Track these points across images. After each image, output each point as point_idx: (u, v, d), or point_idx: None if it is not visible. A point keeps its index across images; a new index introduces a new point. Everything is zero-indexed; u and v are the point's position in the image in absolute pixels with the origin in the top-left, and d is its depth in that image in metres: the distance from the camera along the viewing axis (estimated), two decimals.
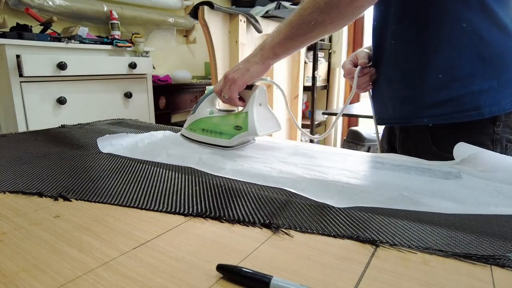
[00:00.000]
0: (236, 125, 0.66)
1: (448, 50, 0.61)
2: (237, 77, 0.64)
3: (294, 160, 0.60)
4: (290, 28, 0.61)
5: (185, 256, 0.31)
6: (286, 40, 0.61)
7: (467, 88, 0.61)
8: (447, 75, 0.62)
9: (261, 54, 0.64)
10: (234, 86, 0.64)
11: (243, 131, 0.65)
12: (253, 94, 0.66)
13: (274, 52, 0.63)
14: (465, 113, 0.61)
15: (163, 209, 0.40)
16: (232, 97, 0.65)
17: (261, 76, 0.66)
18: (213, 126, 0.69)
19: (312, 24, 0.58)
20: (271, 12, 2.01)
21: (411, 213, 0.40)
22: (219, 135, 0.68)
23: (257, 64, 0.64)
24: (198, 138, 0.71)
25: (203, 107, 0.72)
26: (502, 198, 0.43)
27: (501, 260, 0.30)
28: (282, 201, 0.42)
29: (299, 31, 0.60)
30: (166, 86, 2.21)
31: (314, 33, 0.59)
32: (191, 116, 0.73)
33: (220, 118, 0.70)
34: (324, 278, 0.28)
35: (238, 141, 0.67)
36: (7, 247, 0.32)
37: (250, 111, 0.65)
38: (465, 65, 0.61)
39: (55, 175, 0.51)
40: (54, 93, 1.56)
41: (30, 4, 1.67)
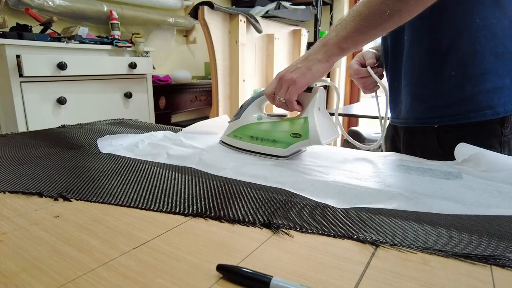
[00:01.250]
0: (294, 132, 0.59)
1: (461, 46, 0.59)
2: (296, 77, 0.56)
3: (294, 160, 0.60)
4: (359, 20, 0.55)
5: (185, 256, 0.31)
6: (355, 33, 0.55)
7: (480, 86, 0.59)
8: (460, 73, 0.60)
9: (325, 50, 0.57)
10: (294, 87, 0.57)
11: (303, 139, 0.58)
12: (314, 97, 0.58)
13: (340, 48, 0.57)
14: (480, 112, 0.59)
15: (163, 209, 0.40)
16: (290, 100, 0.58)
17: (324, 76, 0.59)
18: (265, 133, 0.62)
19: (388, 14, 0.52)
20: (271, 12, 2.01)
21: (411, 213, 0.40)
22: (273, 144, 0.61)
23: (320, 62, 0.57)
24: (246, 146, 0.64)
25: (249, 112, 0.65)
26: (503, 198, 0.43)
27: (501, 260, 0.30)
28: (282, 201, 0.42)
29: (370, 23, 0.54)
30: (166, 86, 2.21)
31: (389, 23, 0.54)
32: (234, 122, 0.67)
33: (272, 124, 0.63)
34: (324, 278, 0.28)
35: (295, 150, 0.60)
36: (7, 247, 0.32)
37: (310, 116, 0.58)
38: (479, 62, 0.59)
39: (55, 175, 0.51)
40: (54, 93, 1.56)
41: (30, 4, 1.67)
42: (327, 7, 3.06)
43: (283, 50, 2.30)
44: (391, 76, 0.73)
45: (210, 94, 2.43)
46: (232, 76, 1.81)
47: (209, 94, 2.47)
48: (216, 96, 1.76)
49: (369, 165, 0.58)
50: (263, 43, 2.08)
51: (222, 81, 1.75)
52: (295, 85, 0.57)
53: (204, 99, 2.49)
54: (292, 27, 2.35)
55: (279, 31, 2.18)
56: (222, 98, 1.78)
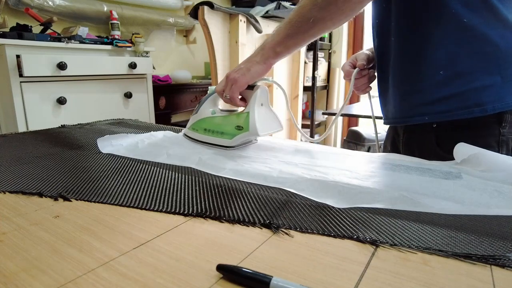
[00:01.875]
0: (238, 125, 0.66)
1: (449, 45, 0.60)
2: (238, 76, 0.64)
3: (294, 160, 0.60)
4: (290, 26, 0.61)
5: (185, 256, 0.31)
6: (287, 38, 0.62)
7: (469, 84, 0.60)
8: (448, 71, 0.61)
9: (262, 53, 0.64)
10: (235, 86, 0.64)
11: (244, 131, 0.65)
12: (255, 94, 0.66)
13: (274, 51, 0.63)
14: (468, 109, 0.60)
15: (163, 209, 0.40)
16: (233, 97, 0.65)
17: (262, 76, 0.66)
18: (215, 126, 0.69)
19: (312, 21, 0.58)
20: (271, 12, 2.01)
21: (411, 213, 0.40)
22: (221, 135, 0.68)
23: (258, 64, 0.64)
24: (200, 138, 0.71)
25: (205, 107, 0.72)
26: (502, 198, 0.43)
27: (501, 260, 0.30)
28: (282, 201, 0.42)
29: (299, 29, 0.60)
30: (166, 86, 2.21)
31: (314, 30, 0.59)
32: (193, 116, 0.73)
33: (222, 118, 0.70)
34: (324, 278, 0.28)
35: (239, 141, 0.67)
36: (7, 247, 0.32)
37: (251, 111, 0.65)
38: (467, 60, 0.60)
39: (55, 175, 0.51)
40: (54, 93, 1.56)
41: (30, 4, 1.67)
42: None
43: None
44: (380, 77, 0.75)
45: None
46: None
47: None
48: None
49: (369, 165, 0.58)
50: None
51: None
52: (236, 83, 0.64)
53: None
54: None
55: None
56: None
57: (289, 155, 0.63)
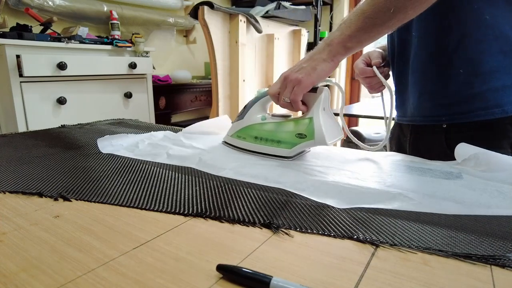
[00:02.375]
0: (299, 132, 0.59)
1: (470, 44, 0.59)
2: (302, 77, 0.56)
3: (294, 160, 0.60)
4: (363, 19, 0.54)
5: (185, 256, 0.31)
6: (360, 32, 0.55)
7: (489, 84, 0.58)
8: (468, 70, 0.59)
9: (329, 50, 0.57)
10: (299, 87, 0.57)
11: (308, 139, 0.58)
12: (319, 98, 0.59)
13: (344, 47, 0.56)
14: (488, 110, 0.59)
15: (163, 209, 0.40)
16: (295, 100, 0.58)
17: (329, 75, 0.59)
18: (269, 133, 0.62)
19: (392, 12, 0.52)
20: (271, 12, 2.01)
21: (411, 213, 0.40)
22: (277, 144, 0.60)
23: (325, 62, 0.57)
24: (250, 147, 0.64)
25: (253, 112, 0.65)
26: (503, 198, 0.43)
27: (501, 260, 0.30)
28: (282, 201, 0.42)
29: (375, 21, 0.54)
30: (166, 86, 2.21)
31: (393, 21, 0.54)
32: (238, 122, 0.66)
33: (277, 124, 0.62)
34: (324, 278, 0.28)
35: (299, 150, 0.60)
36: (7, 247, 0.32)
37: (315, 116, 0.58)
38: (487, 59, 0.58)
39: (55, 175, 0.51)
40: (54, 93, 1.56)
41: (30, 4, 1.67)
42: (327, 7, 3.06)
43: (283, 50, 2.30)
44: (398, 74, 0.72)
45: (210, 94, 2.43)
46: (232, 76, 1.81)
47: (209, 94, 2.47)
48: (216, 96, 1.76)
49: (369, 165, 0.58)
50: (263, 43, 2.08)
51: (222, 81, 1.75)
52: (300, 85, 0.56)
53: (204, 99, 2.49)
54: (292, 27, 2.35)
55: (279, 31, 2.18)
56: (222, 98, 1.78)
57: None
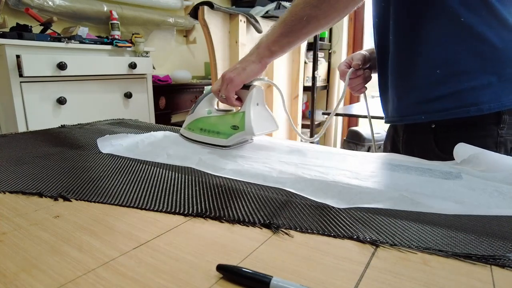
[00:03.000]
0: (233, 124, 0.66)
1: (446, 44, 0.60)
2: (233, 76, 0.64)
3: (294, 160, 0.60)
4: (284, 25, 0.61)
5: (185, 256, 0.31)
6: (281, 37, 0.62)
7: (466, 83, 0.60)
8: (445, 70, 0.61)
9: (257, 53, 0.64)
10: (231, 85, 0.64)
11: (240, 130, 0.65)
12: (250, 94, 0.66)
13: (269, 50, 0.63)
14: (464, 108, 0.60)
15: (163, 209, 0.40)
16: (229, 96, 0.66)
17: (258, 75, 0.66)
18: (211, 125, 0.70)
19: (305, 20, 0.58)
20: (271, 12, 2.01)
21: (411, 213, 0.40)
22: (217, 135, 0.68)
23: (254, 63, 0.64)
24: (196, 137, 0.71)
25: (201, 106, 0.73)
26: (502, 198, 0.43)
27: (501, 260, 0.30)
28: (282, 201, 0.42)
29: (292, 28, 0.60)
30: (166, 86, 2.21)
31: (308, 28, 0.59)
32: (190, 116, 0.74)
33: (218, 117, 0.70)
34: (324, 278, 0.28)
35: (235, 141, 0.67)
36: (7, 247, 0.32)
37: (247, 110, 0.65)
38: (464, 60, 0.60)
39: (55, 175, 0.51)
40: (54, 93, 1.56)
41: (30, 4, 1.67)
42: None
43: None
44: (380, 75, 0.75)
45: None
46: None
47: None
48: None
49: (369, 165, 0.58)
50: None
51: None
52: (232, 83, 0.64)
53: None
54: None
55: None
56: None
57: (289, 155, 0.63)
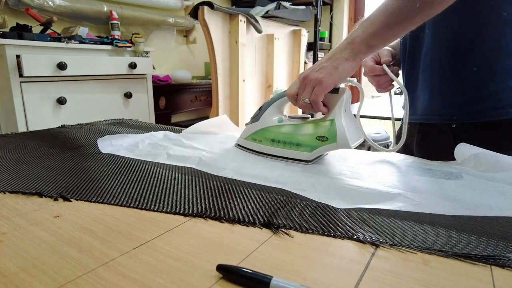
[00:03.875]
0: (320, 135, 0.56)
1: (486, 41, 0.58)
2: (322, 77, 0.54)
3: (294, 160, 0.60)
4: (387, 15, 0.52)
5: (185, 256, 0.31)
6: (384, 28, 0.53)
7: (504, 83, 0.58)
8: (483, 69, 0.59)
9: (351, 48, 0.55)
10: (320, 88, 0.54)
11: (330, 142, 0.55)
12: (341, 98, 0.56)
13: (367, 45, 0.54)
14: (502, 110, 0.58)
15: (163, 209, 0.40)
16: (316, 101, 0.55)
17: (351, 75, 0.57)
18: (287, 136, 0.59)
19: (418, 7, 0.50)
20: (271, 12, 2.01)
21: (411, 213, 0.40)
22: (296, 147, 0.58)
23: (348, 61, 0.54)
24: (266, 150, 0.61)
25: (269, 114, 0.62)
26: (503, 198, 0.43)
27: (501, 260, 0.30)
28: (282, 201, 0.42)
29: (399, 17, 0.52)
30: (166, 86, 2.21)
31: (419, 16, 0.52)
32: (252, 125, 0.64)
33: (295, 127, 0.60)
34: (324, 278, 0.28)
35: (320, 154, 0.57)
36: (7, 247, 0.32)
37: (338, 118, 0.55)
38: (503, 59, 0.58)
39: (55, 175, 0.51)
40: (54, 93, 1.56)
41: (30, 4, 1.67)
42: (327, 7, 3.06)
43: (283, 50, 2.30)
44: (408, 71, 0.71)
45: (210, 94, 2.43)
46: (232, 76, 1.81)
47: (209, 94, 2.47)
48: (216, 96, 1.76)
49: (369, 165, 0.58)
50: (263, 43, 2.08)
51: (222, 81, 1.75)
52: (321, 85, 0.54)
53: (204, 99, 2.49)
54: (292, 27, 2.35)
55: (279, 31, 2.18)
56: (222, 98, 1.78)
57: None
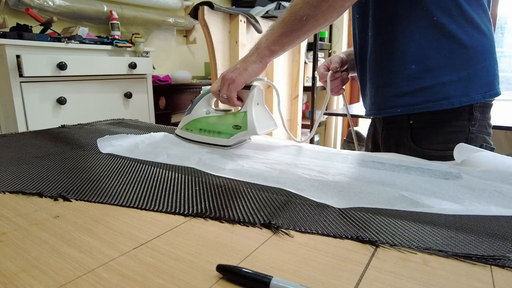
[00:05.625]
0: (235, 124, 0.67)
1: (420, 41, 0.64)
2: (235, 76, 0.65)
3: (294, 160, 0.60)
4: (283, 25, 0.62)
5: (185, 256, 0.31)
6: (281, 37, 0.63)
7: (438, 78, 0.64)
8: (418, 66, 0.65)
9: (258, 53, 0.65)
10: (233, 85, 0.65)
11: (242, 130, 0.66)
12: (251, 94, 0.67)
13: (270, 50, 0.64)
14: (436, 102, 0.65)
15: (163, 209, 0.40)
16: (231, 96, 0.66)
17: (259, 75, 0.67)
18: (211, 125, 0.70)
19: (305, 19, 0.59)
20: (271, 12, 2.01)
21: (411, 213, 0.40)
22: (218, 135, 0.69)
23: (255, 63, 0.65)
24: (195, 138, 0.71)
25: (199, 107, 0.73)
26: (502, 198, 0.43)
27: (501, 260, 0.30)
28: (282, 201, 0.42)
29: (292, 27, 0.61)
30: (166, 86, 2.21)
31: (307, 27, 0.60)
32: (186, 116, 0.74)
33: (218, 118, 0.71)
34: (324, 278, 0.28)
35: (236, 140, 0.68)
36: (7, 247, 0.32)
37: (249, 110, 0.66)
38: (436, 56, 0.64)
39: (55, 175, 0.51)
40: (54, 93, 1.56)
41: (30, 4, 1.67)
42: None
43: None
44: (360, 71, 0.79)
45: None
46: None
47: None
48: None
49: (369, 165, 0.58)
50: None
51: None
52: (234, 83, 0.65)
53: None
54: None
55: None
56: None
57: (289, 155, 0.63)
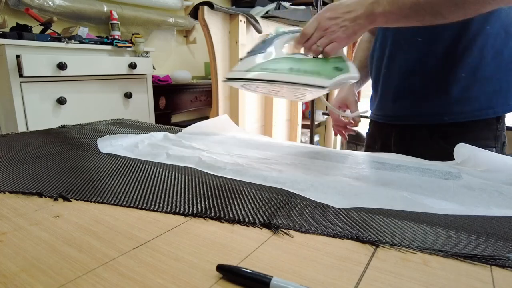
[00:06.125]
0: (336, 66, 0.59)
1: (474, 50, 0.65)
2: (344, 37, 0.56)
3: (294, 160, 0.60)
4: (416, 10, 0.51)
5: (185, 256, 0.31)
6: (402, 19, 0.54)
7: (484, 88, 0.67)
8: (469, 75, 0.66)
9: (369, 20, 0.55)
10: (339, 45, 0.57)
11: (345, 72, 0.59)
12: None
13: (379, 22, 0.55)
14: (482, 111, 0.67)
15: (163, 209, 0.40)
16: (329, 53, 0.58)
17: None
18: (307, 65, 0.58)
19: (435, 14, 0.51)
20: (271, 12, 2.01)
21: (411, 213, 0.40)
22: (317, 75, 0.58)
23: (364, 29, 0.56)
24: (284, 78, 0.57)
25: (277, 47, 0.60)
26: (502, 198, 0.43)
27: (501, 260, 0.30)
28: (282, 201, 0.42)
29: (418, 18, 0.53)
30: (166, 86, 2.21)
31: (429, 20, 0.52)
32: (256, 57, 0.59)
33: (309, 60, 0.60)
34: (324, 278, 0.28)
35: (338, 81, 0.59)
36: (7, 247, 0.32)
37: (344, 56, 0.60)
38: (484, 66, 0.66)
39: (55, 175, 0.51)
40: (54, 93, 1.56)
41: (30, 4, 1.67)
42: None
43: None
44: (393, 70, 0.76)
45: (210, 94, 2.43)
46: None
47: (209, 94, 2.47)
48: (216, 96, 1.75)
49: (369, 165, 0.58)
50: None
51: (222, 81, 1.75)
52: (341, 43, 0.57)
53: (204, 99, 2.49)
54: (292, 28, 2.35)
55: None
56: (222, 98, 1.78)
57: (289, 156, 0.63)
